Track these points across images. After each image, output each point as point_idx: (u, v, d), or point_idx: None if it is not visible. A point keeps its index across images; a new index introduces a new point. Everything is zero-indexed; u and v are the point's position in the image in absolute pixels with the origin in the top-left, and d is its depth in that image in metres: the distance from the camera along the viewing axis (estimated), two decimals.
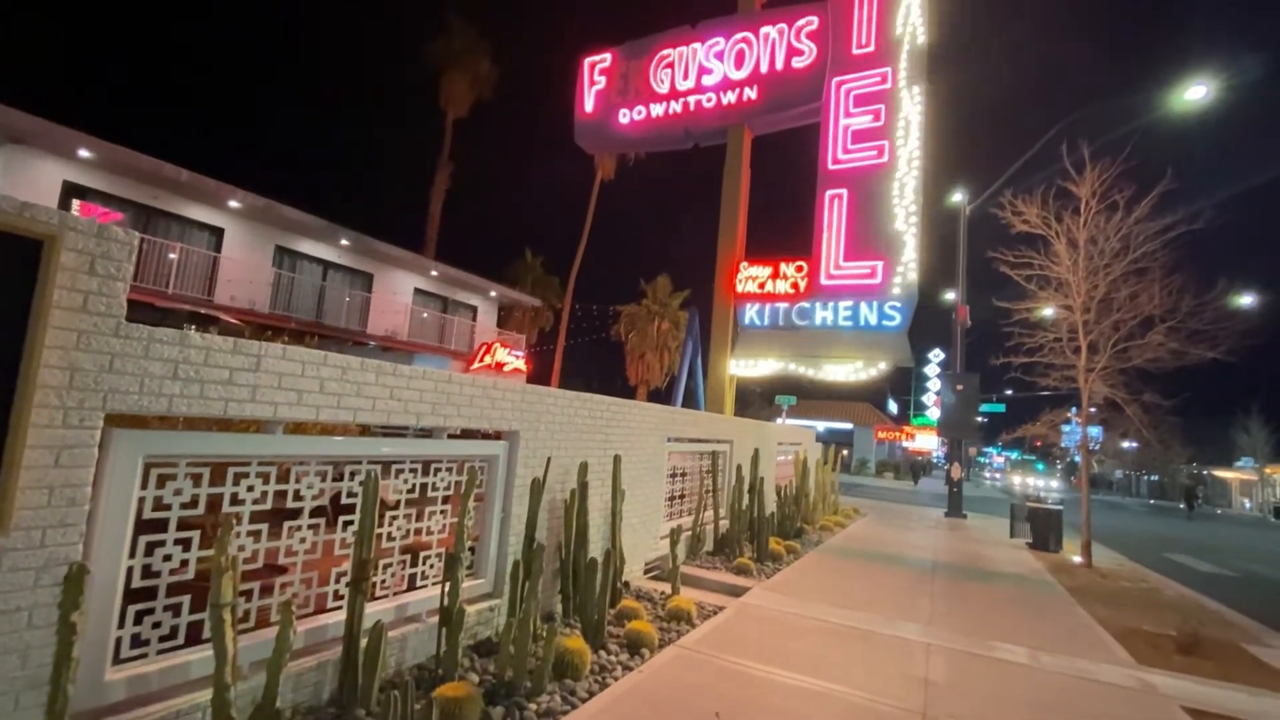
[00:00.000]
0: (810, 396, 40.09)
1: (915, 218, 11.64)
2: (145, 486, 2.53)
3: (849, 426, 44.46)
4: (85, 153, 13.32)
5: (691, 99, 13.74)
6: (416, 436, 4.16)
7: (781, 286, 12.72)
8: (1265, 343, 11.40)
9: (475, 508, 4.08)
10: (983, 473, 74.23)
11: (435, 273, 22.25)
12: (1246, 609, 7.80)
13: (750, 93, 13.16)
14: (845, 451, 39.57)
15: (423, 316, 21.83)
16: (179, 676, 2.58)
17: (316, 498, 3.20)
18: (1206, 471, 47.35)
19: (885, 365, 11.94)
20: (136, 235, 2.51)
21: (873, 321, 11.74)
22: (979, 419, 20.88)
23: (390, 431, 4.74)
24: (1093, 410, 10.28)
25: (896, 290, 11.61)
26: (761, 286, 12.93)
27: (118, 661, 2.43)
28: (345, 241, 18.86)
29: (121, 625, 2.43)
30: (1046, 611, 6.50)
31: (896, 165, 11.83)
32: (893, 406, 54.38)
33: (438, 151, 29.51)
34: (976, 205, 16.14)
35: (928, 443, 41.03)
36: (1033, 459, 77.05)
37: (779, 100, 13.04)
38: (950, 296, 17.88)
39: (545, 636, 3.51)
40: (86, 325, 2.27)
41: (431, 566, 3.86)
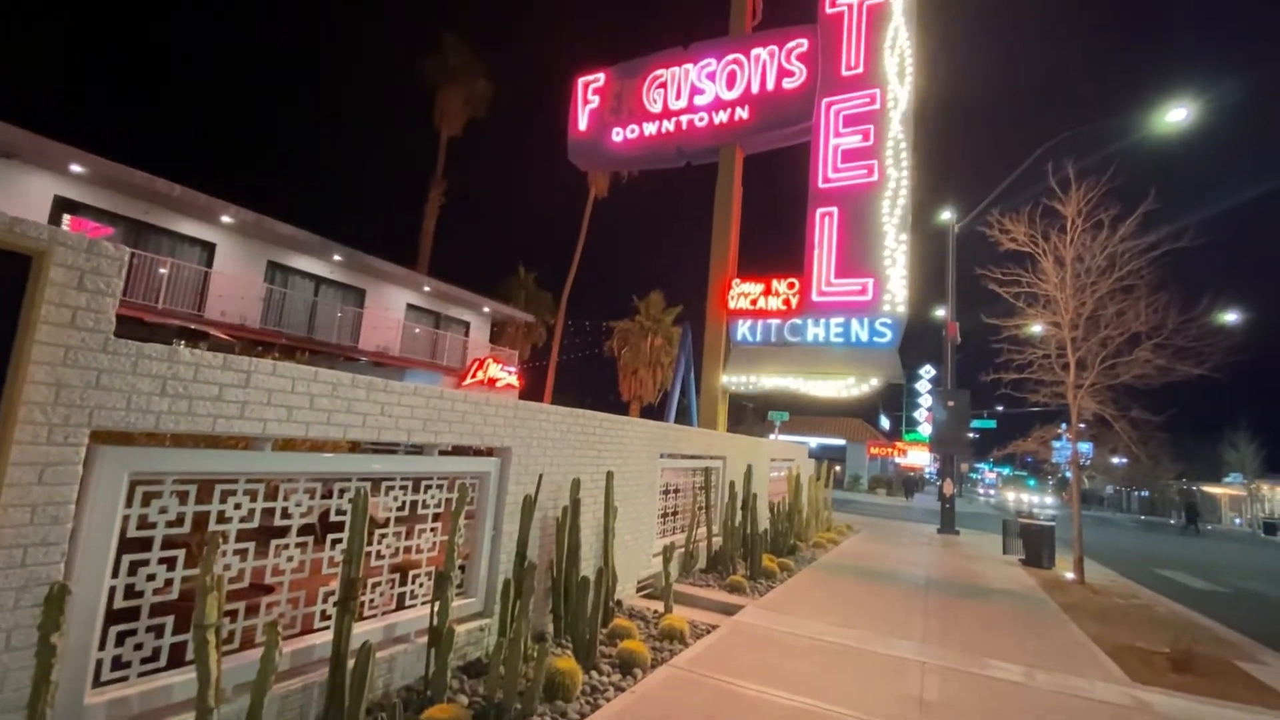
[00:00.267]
0: (803, 412, 40.19)
1: (905, 235, 11.79)
2: (130, 504, 2.49)
3: (842, 442, 44.49)
4: (77, 168, 13.29)
5: (684, 118, 13.92)
6: (407, 453, 4.13)
7: (773, 303, 12.80)
8: (1251, 359, 11.56)
9: (466, 525, 4.04)
10: (976, 489, 74.36)
11: (428, 288, 22.23)
12: (1239, 625, 7.81)
13: (742, 112, 13.34)
14: (838, 467, 39.55)
15: (415, 332, 21.77)
16: (160, 700, 2.52)
17: (305, 515, 3.16)
18: (1196, 487, 47.61)
19: (877, 381, 12.01)
20: (127, 250, 2.50)
21: (864, 338, 11.81)
22: (970, 435, 20.97)
23: (381, 448, 4.70)
24: (1082, 426, 10.35)
25: (887, 307, 11.71)
26: (754, 303, 13.00)
27: (98, 684, 2.37)
28: (338, 257, 18.84)
29: (102, 647, 2.38)
30: (1040, 629, 6.48)
31: (886, 184, 11.99)
32: (885, 422, 54.48)
33: (432, 168, 29.66)
34: (965, 224, 16.35)
35: (920, 459, 41.12)
36: (1024, 475, 77.28)
37: (770, 120, 13.23)
38: (941, 313, 18.02)
39: (536, 657, 3.46)
40: (74, 341, 2.25)
41: (421, 585, 3.81)
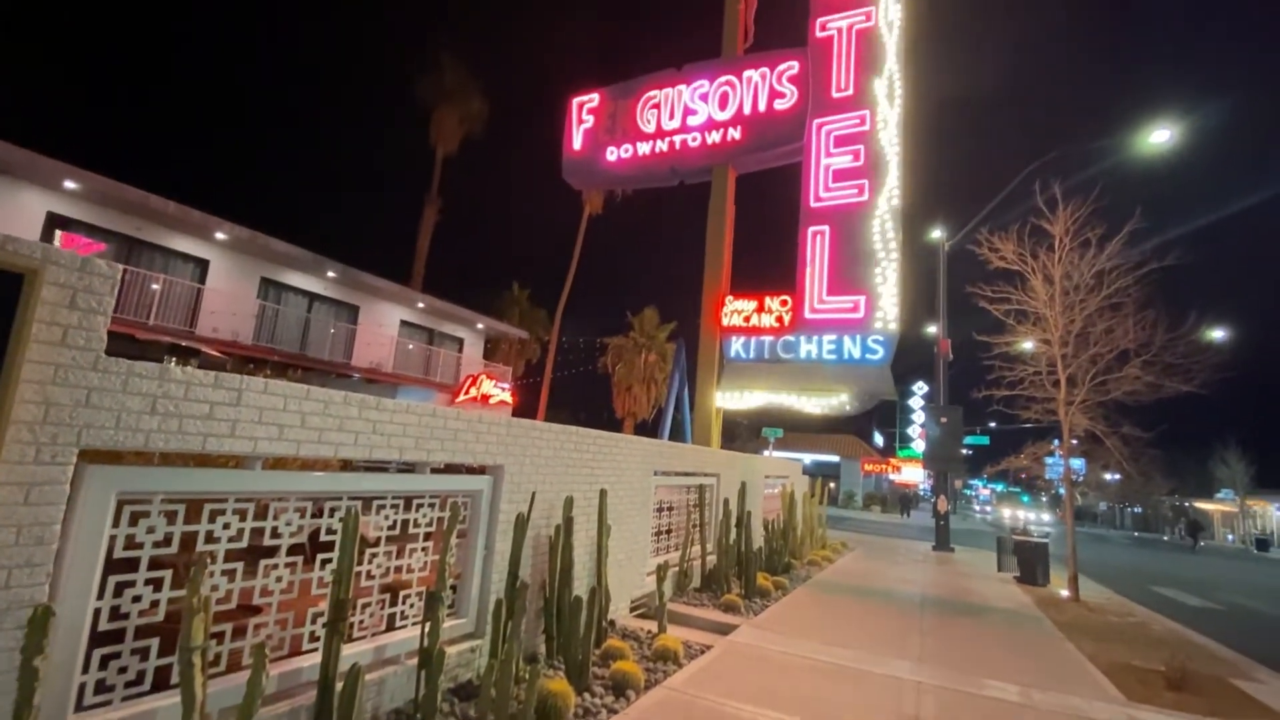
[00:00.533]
0: (797, 429, 40.18)
1: (896, 253, 11.91)
2: (117, 524, 2.46)
3: (835, 459, 44.45)
4: (71, 184, 13.28)
5: (677, 138, 14.09)
6: (399, 471, 4.11)
7: (766, 320, 12.87)
8: (1238, 376, 11.68)
9: (458, 544, 4.01)
10: (971, 505, 74.24)
11: (422, 305, 22.23)
12: (1234, 643, 7.80)
13: (734, 133, 13.53)
14: (832, 484, 39.50)
15: (408, 348, 21.71)
16: None
17: (294, 535, 3.12)
18: (1189, 503, 47.76)
19: (869, 398, 12.05)
20: (119, 268, 2.50)
21: (856, 355, 11.88)
22: (964, 451, 21.02)
23: (372, 466, 4.67)
24: (1074, 442, 10.41)
25: (878, 324, 11.79)
26: (747, 320, 13.07)
27: (80, 709, 2.33)
28: (332, 273, 18.84)
29: (86, 670, 2.34)
30: (1036, 647, 6.45)
31: (876, 203, 12.15)
32: (879, 439, 54.56)
33: (427, 185, 29.84)
34: (955, 242, 16.56)
35: (914, 475, 41.10)
36: (1018, 491, 77.34)
37: (762, 140, 13.41)
38: (933, 330, 18.17)
39: (528, 679, 3.41)
40: (65, 359, 2.24)
41: (412, 606, 3.76)
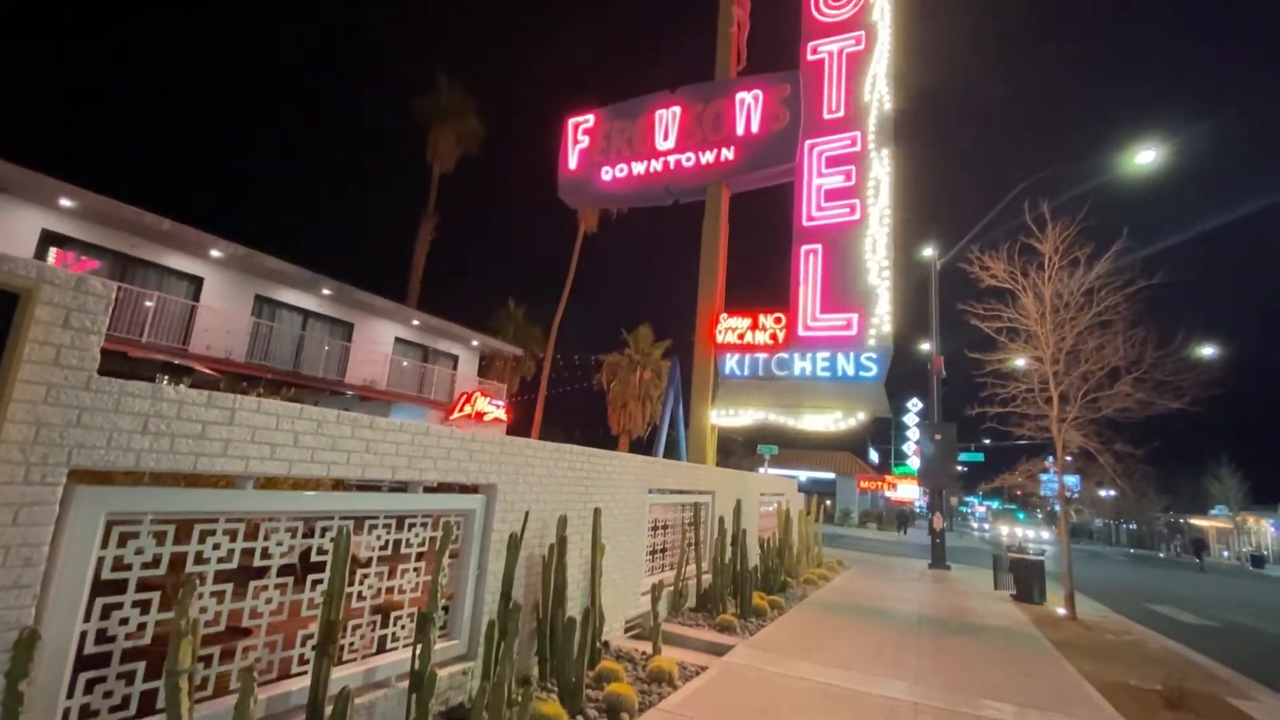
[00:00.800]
0: (792, 446, 40.06)
1: (888, 271, 12.03)
2: (106, 545, 2.44)
3: (831, 476, 44.31)
4: (67, 202, 13.29)
5: (671, 158, 14.26)
6: (391, 490, 4.09)
7: (761, 337, 12.93)
8: (1229, 392, 11.77)
9: (450, 564, 3.98)
10: (968, 522, 73.96)
11: (417, 322, 22.22)
12: (1230, 661, 7.77)
13: (727, 153, 13.70)
14: (828, 502, 39.34)
15: (403, 365, 21.66)
16: None
17: (285, 555, 3.10)
18: (1183, 519, 47.80)
19: (864, 415, 12.08)
20: (114, 287, 2.51)
21: (850, 372, 11.92)
22: (959, 468, 21.03)
23: (365, 485, 4.64)
24: (1068, 459, 10.44)
25: (872, 341, 11.86)
26: (741, 337, 13.12)
27: None
28: (327, 291, 18.84)
29: (71, 695, 2.30)
30: (1033, 667, 6.41)
31: (868, 222, 12.30)
32: (874, 456, 54.48)
33: (424, 203, 30.01)
34: (946, 260, 16.74)
35: (909, 492, 40.99)
36: (1013, 508, 77.21)
37: (755, 161, 13.59)
38: (926, 347, 18.28)
39: (520, 701, 3.37)
40: (57, 379, 2.23)
41: (403, 627, 3.72)
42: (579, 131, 15.67)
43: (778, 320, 12.83)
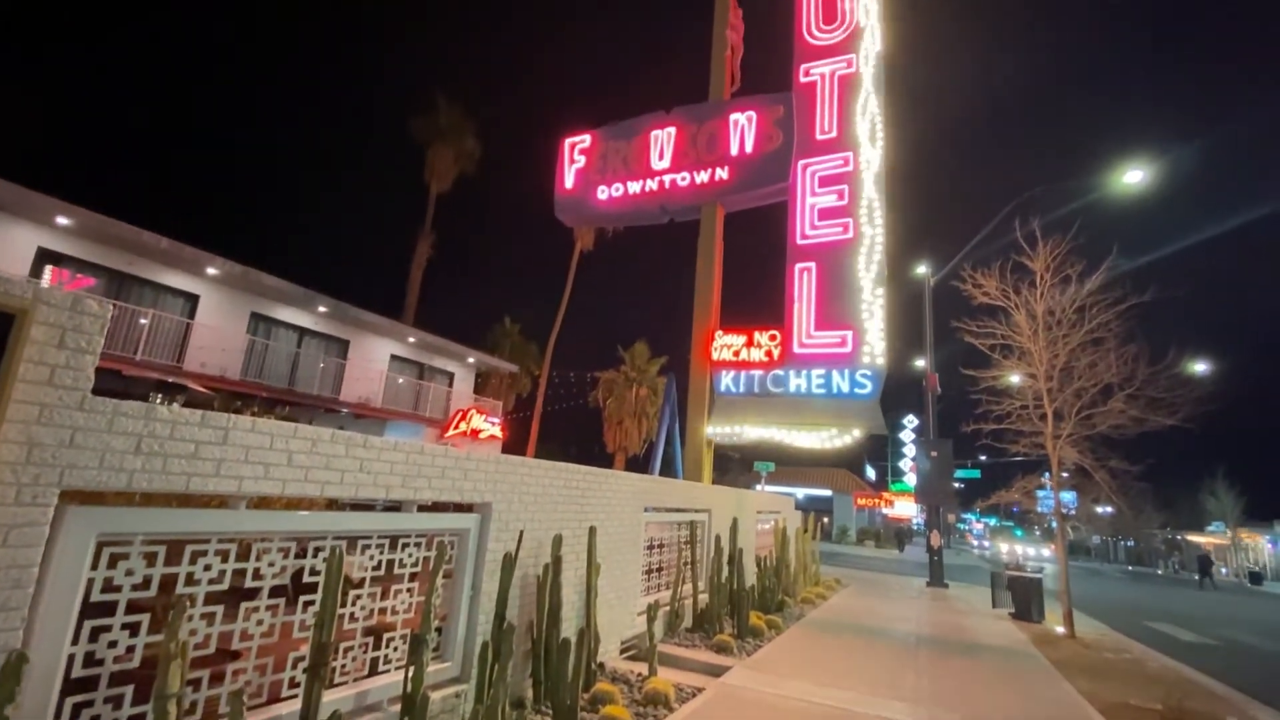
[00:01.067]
0: (789, 463, 39.98)
1: (881, 289, 12.12)
2: (96, 567, 2.42)
3: (828, 493, 44.16)
4: (64, 220, 13.31)
5: (667, 178, 14.40)
6: (385, 510, 4.06)
7: (756, 354, 12.96)
8: (1224, 409, 11.85)
9: (443, 585, 3.94)
10: (968, 540, 73.54)
11: (412, 339, 22.21)
12: (1229, 679, 7.73)
13: (722, 173, 13.86)
14: (825, 519, 39.17)
15: (398, 383, 21.60)
16: None
17: (277, 576, 3.07)
18: (1181, 536, 47.69)
19: (859, 432, 12.08)
20: (109, 307, 2.52)
21: (845, 389, 11.95)
22: (956, 485, 21.01)
23: (358, 505, 4.62)
24: (1064, 476, 10.45)
25: (866, 359, 11.91)
26: (736, 354, 13.15)
27: None
28: (323, 308, 18.84)
29: (57, 719, 2.26)
30: (1032, 687, 6.35)
31: (861, 240, 12.41)
32: (871, 472, 54.36)
33: (420, 221, 30.18)
34: (939, 278, 16.88)
35: (907, 509, 40.83)
36: (1011, 525, 76.93)
37: (748, 181, 13.75)
38: (921, 364, 18.34)
39: None
40: (50, 399, 2.23)
41: (395, 649, 3.68)
42: (575, 151, 15.83)
43: (773, 337, 12.88)
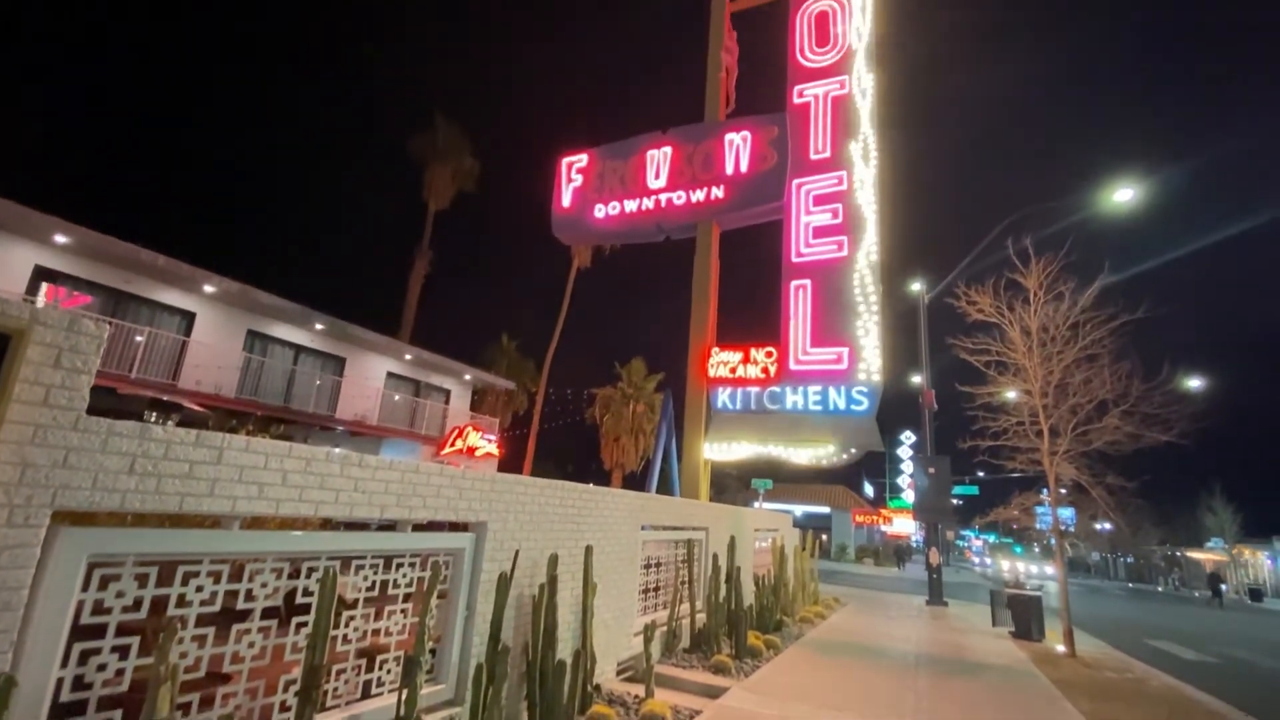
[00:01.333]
0: (786, 480, 39.87)
1: (876, 306, 12.18)
2: (87, 588, 2.40)
3: (826, 510, 43.93)
4: (61, 238, 13.33)
5: (663, 197, 14.54)
6: (379, 529, 4.04)
7: (752, 371, 12.98)
8: (1220, 425, 11.89)
9: (438, 606, 3.91)
10: (968, 556, 73.04)
11: (409, 356, 22.19)
12: (1231, 698, 7.66)
13: (717, 192, 14.00)
14: (824, 537, 38.88)
15: (394, 400, 21.54)
16: None
17: (270, 597, 3.04)
18: (1180, 552, 47.50)
19: (856, 449, 12.06)
20: (106, 327, 2.52)
21: (841, 405, 11.95)
22: (954, 501, 20.93)
23: (352, 525, 4.58)
24: (1062, 492, 10.44)
25: (862, 375, 11.94)
26: (733, 371, 13.17)
27: None
28: (320, 325, 18.83)
29: None
30: (1033, 708, 6.29)
31: (856, 258, 12.51)
32: (869, 489, 54.16)
33: (419, 239, 30.32)
34: (934, 295, 17.01)
35: (905, 526, 40.62)
36: (1010, 541, 76.52)
37: (744, 200, 13.88)
38: (917, 380, 18.40)
39: None
40: (45, 419, 2.23)
41: (389, 671, 3.63)
42: (573, 170, 15.99)
43: (769, 354, 12.91)
